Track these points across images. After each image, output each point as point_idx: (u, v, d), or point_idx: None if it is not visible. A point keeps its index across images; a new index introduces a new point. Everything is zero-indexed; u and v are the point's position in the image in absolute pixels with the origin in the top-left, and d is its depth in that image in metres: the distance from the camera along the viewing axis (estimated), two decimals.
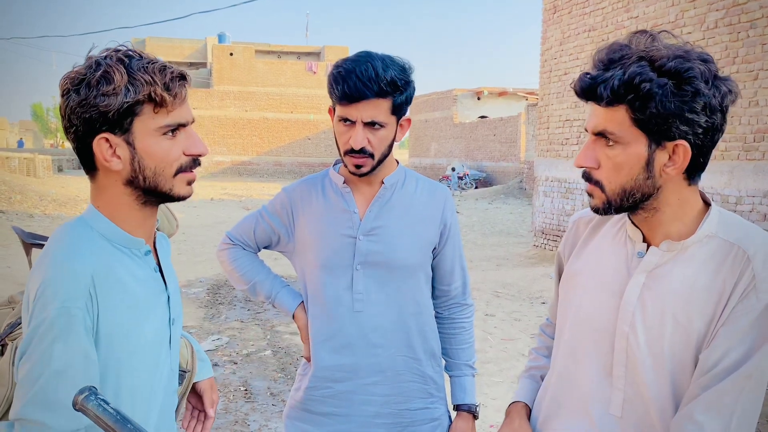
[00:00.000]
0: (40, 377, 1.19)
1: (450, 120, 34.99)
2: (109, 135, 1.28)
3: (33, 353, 1.20)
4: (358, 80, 1.69)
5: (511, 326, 7.08)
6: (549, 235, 12.39)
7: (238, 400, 4.90)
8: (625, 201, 1.32)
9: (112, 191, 1.34)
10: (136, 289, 1.35)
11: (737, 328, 1.24)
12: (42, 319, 1.20)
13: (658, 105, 1.20)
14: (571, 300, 1.51)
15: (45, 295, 1.21)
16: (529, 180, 24.64)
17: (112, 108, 1.25)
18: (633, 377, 1.36)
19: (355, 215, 1.88)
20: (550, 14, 12.47)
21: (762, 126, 7.74)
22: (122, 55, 1.28)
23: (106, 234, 1.33)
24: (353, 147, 1.75)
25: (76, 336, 1.22)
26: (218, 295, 8.53)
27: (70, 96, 1.26)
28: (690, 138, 1.23)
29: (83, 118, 1.26)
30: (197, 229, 15.13)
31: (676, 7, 9.08)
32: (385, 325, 1.87)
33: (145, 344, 1.37)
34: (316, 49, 46.60)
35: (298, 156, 42.67)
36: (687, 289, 1.29)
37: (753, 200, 7.88)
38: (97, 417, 1.05)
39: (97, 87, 1.24)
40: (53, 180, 26.80)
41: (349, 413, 1.88)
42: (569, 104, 11.78)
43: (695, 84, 1.19)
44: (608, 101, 1.25)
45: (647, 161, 1.27)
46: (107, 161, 1.29)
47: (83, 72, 1.26)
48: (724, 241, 1.29)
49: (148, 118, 1.29)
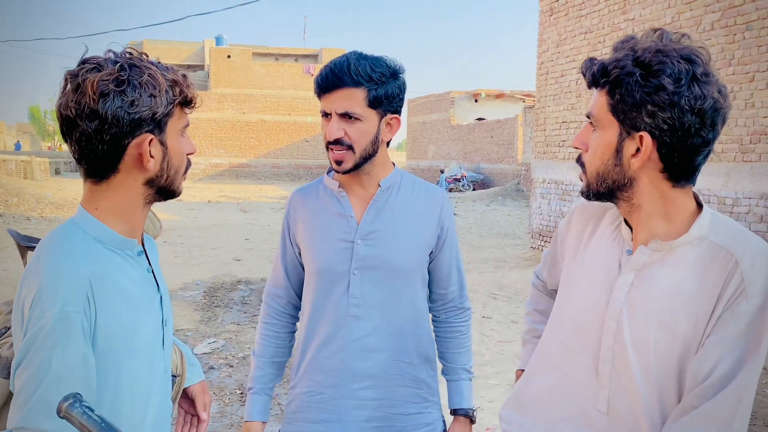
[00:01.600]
0: (41, 384, 1.18)
1: (447, 122, 35.01)
2: (152, 135, 1.31)
3: (32, 360, 1.19)
4: (330, 71, 1.74)
5: (507, 328, 7.07)
6: (546, 237, 12.38)
7: (233, 404, 4.88)
8: (600, 186, 1.36)
9: (127, 192, 1.35)
10: (132, 290, 1.35)
11: (727, 335, 1.24)
12: (41, 326, 1.19)
13: (624, 93, 1.25)
14: (568, 295, 1.53)
15: (42, 300, 1.20)
16: (526, 182, 24.65)
17: (159, 109, 1.29)
18: (618, 375, 1.36)
19: (352, 219, 1.86)
20: (546, 16, 12.47)
21: (758, 128, 7.74)
22: (142, 56, 1.34)
23: (99, 237, 1.32)
24: (329, 138, 1.76)
25: (76, 341, 1.22)
26: (215, 297, 8.51)
27: (112, 96, 1.26)
28: (655, 132, 1.25)
29: (132, 119, 1.27)
30: (194, 231, 15.11)
31: (673, 9, 9.08)
32: (381, 330, 1.85)
33: (143, 345, 1.37)
34: (314, 52, 46.56)
35: (296, 158, 42.62)
36: (674, 290, 1.30)
37: (750, 202, 7.87)
38: (81, 425, 1.03)
39: (143, 88, 1.27)
40: (50, 183, 26.75)
41: (341, 418, 1.86)
42: (566, 106, 11.78)
43: (660, 78, 1.22)
44: (589, 83, 1.34)
45: (617, 148, 1.31)
46: (148, 161, 1.32)
47: (118, 73, 1.26)
48: (713, 243, 1.30)
49: (177, 118, 1.36)
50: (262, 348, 2.02)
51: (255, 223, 17.71)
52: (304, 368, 1.93)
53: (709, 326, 1.26)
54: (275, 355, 2.02)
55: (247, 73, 41.28)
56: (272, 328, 2.02)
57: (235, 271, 10.50)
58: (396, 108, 1.81)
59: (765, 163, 7.68)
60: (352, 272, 1.84)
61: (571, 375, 1.46)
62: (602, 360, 1.39)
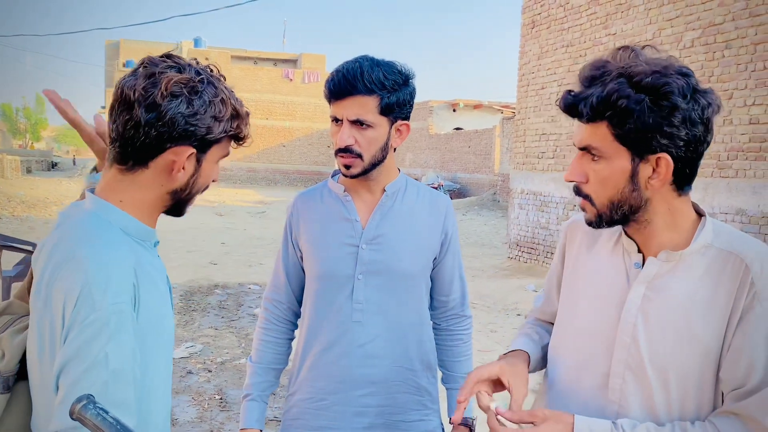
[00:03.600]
0: (98, 380, 1.14)
1: (425, 131, 35.10)
2: (194, 150, 1.29)
3: (86, 357, 1.14)
4: (343, 77, 1.71)
5: (487, 338, 7.09)
6: (523, 248, 12.46)
7: (212, 409, 4.81)
8: (615, 214, 1.34)
9: (151, 193, 1.32)
10: (159, 281, 1.33)
11: (752, 340, 1.26)
12: (92, 321, 1.15)
13: (636, 121, 1.23)
14: (571, 313, 1.51)
15: (93, 294, 1.15)
16: (502, 192, 24.80)
17: (214, 133, 1.29)
18: (631, 389, 1.35)
19: (357, 224, 1.84)
20: (528, 29, 12.59)
21: (735, 144, 7.88)
22: (221, 78, 1.34)
23: (126, 228, 1.30)
24: (339, 145, 1.74)
25: (127, 333, 1.18)
26: (191, 301, 8.41)
27: (181, 101, 1.25)
28: (672, 151, 1.25)
29: (186, 129, 1.26)
30: (170, 235, 14.91)
31: (654, 25, 9.23)
32: (383, 336, 1.83)
33: (168, 341, 1.35)
34: (293, 56, 46.52)
35: (272, 163, 42.42)
36: (688, 299, 1.31)
37: (726, 217, 8.00)
38: (96, 426, 1.00)
39: (210, 106, 1.28)
40: (21, 181, 26.29)
41: (342, 425, 1.84)
42: (546, 118, 11.89)
43: (672, 99, 1.22)
44: (588, 118, 1.29)
45: (631, 174, 1.29)
46: (178, 171, 1.30)
47: (193, 81, 1.26)
48: (720, 250, 1.31)
49: (222, 147, 1.36)
50: (260, 354, 1.98)
51: (231, 227, 17.57)
52: (304, 374, 1.90)
53: (729, 332, 1.28)
54: (273, 362, 1.98)
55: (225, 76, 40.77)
56: (272, 334, 1.98)
57: (211, 275, 10.39)
58: (406, 114, 1.80)
59: (741, 179, 7.83)
60: (357, 277, 1.82)
61: (577, 392, 1.44)
62: (613, 375, 1.37)
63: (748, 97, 7.72)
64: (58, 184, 27.13)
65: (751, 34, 7.68)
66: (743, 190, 7.79)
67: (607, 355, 1.39)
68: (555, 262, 1.64)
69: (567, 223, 1.62)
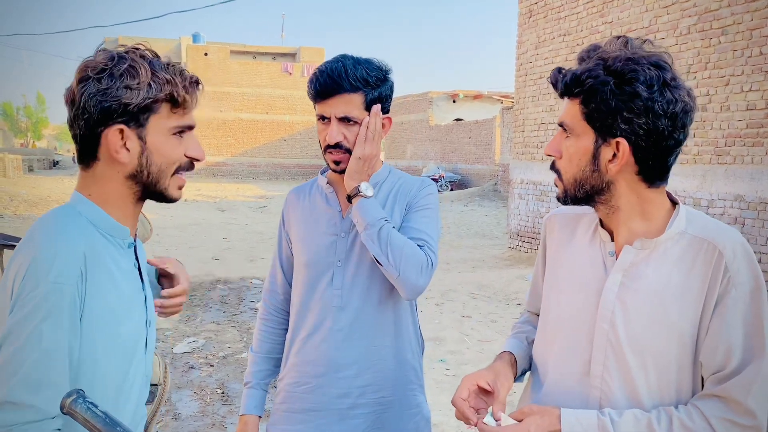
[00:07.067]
0: (29, 358, 1.17)
1: (426, 122, 35.08)
2: (124, 127, 1.30)
3: (20, 333, 1.17)
4: (329, 77, 1.79)
5: (487, 327, 7.12)
6: (524, 237, 12.48)
7: (215, 403, 4.86)
8: (578, 192, 1.40)
9: (112, 183, 1.35)
10: (120, 279, 1.34)
11: (729, 324, 1.30)
12: (31, 298, 1.18)
13: (600, 102, 1.29)
14: (552, 304, 1.55)
15: (37, 271, 1.19)
16: (503, 182, 24.79)
17: (133, 101, 1.28)
18: (612, 374, 1.38)
19: (339, 213, 1.93)
20: (525, 18, 12.57)
21: (733, 131, 7.88)
22: (143, 53, 1.33)
23: (94, 220, 1.33)
24: (329, 142, 1.82)
25: (67, 315, 1.21)
26: (193, 296, 8.45)
27: (89, 83, 1.28)
28: (631, 137, 1.30)
29: (102, 107, 1.28)
30: (171, 231, 14.97)
31: (650, 12, 9.21)
32: (364, 318, 1.89)
33: (124, 339, 1.35)
34: (292, 50, 46.42)
35: (273, 157, 42.45)
36: (663, 285, 1.34)
37: (724, 203, 8.02)
38: (85, 420, 1.03)
39: (120, 78, 1.28)
40: (24, 180, 26.37)
41: (326, 407, 1.90)
42: (544, 108, 11.89)
43: (635, 86, 1.26)
44: (561, 93, 1.37)
45: (593, 155, 1.35)
46: (117, 152, 1.31)
47: (104, 62, 1.28)
48: (694, 237, 1.35)
49: (164, 116, 1.34)
50: (259, 344, 2.08)
51: (233, 222, 17.61)
52: (292, 360, 1.98)
53: (705, 317, 1.32)
54: (271, 351, 2.08)
55: (225, 71, 41.01)
56: (269, 325, 2.08)
57: (213, 270, 10.44)
58: (387, 108, 1.89)
59: (739, 165, 7.83)
60: (336, 264, 1.90)
61: (561, 381, 1.48)
62: (594, 362, 1.41)
63: (744, 83, 7.72)
64: (60, 183, 27.20)
65: (747, 20, 7.67)
66: (741, 177, 7.80)
67: (588, 343, 1.42)
68: (538, 256, 1.69)
69: (546, 217, 1.66)
